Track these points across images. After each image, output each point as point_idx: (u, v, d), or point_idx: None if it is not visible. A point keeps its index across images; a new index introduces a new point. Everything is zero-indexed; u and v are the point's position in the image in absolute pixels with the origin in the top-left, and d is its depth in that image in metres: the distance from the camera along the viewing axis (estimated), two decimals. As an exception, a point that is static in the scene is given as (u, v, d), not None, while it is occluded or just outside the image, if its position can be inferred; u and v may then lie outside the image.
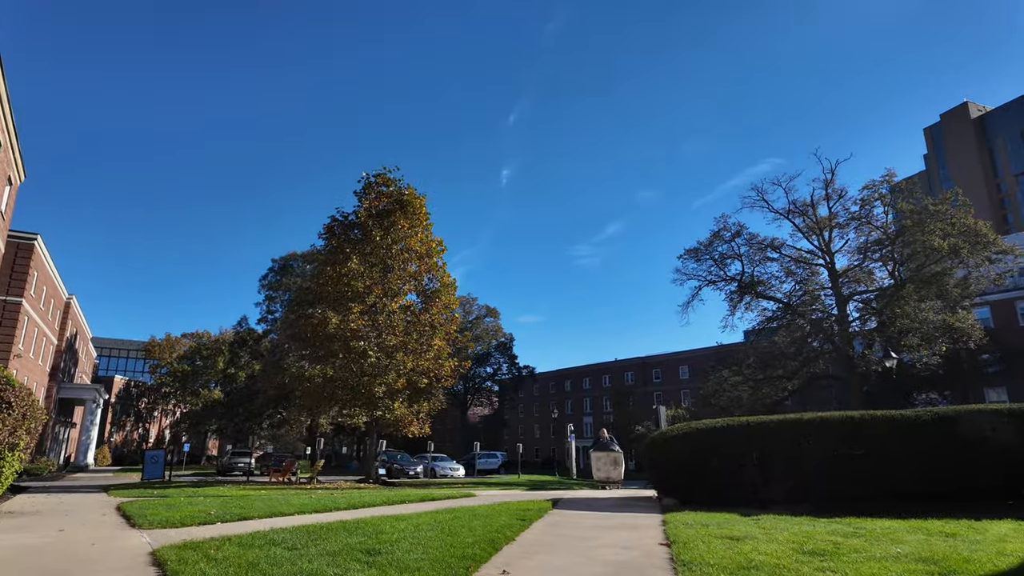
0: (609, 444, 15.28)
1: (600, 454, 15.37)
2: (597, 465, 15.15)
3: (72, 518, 10.61)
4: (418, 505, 11.45)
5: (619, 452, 15.06)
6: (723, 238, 33.53)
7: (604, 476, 14.91)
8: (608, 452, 15.22)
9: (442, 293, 25.44)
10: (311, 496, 13.80)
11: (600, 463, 15.06)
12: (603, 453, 15.31)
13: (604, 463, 14.92)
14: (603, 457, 15.22)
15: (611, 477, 14.91)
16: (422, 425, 24.16)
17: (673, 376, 65.61)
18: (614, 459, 15.10)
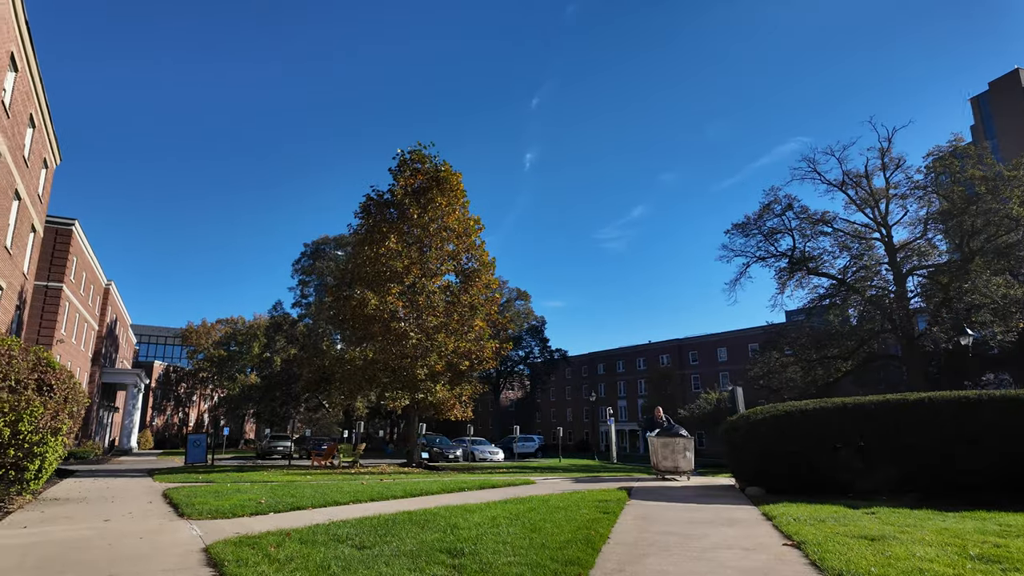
0: (675, 429, 13.19)
1: (666, 440, 13.04)
2: (663, 453, 12.90)
3: (118, 506, 10.09)
4: (480, 494, 10.63)
5: (688, 438, 13.03)
6: (773, 212, 31.86)
7: (671, 466, 12.80)
8: (675, 438, 12.89)
9: (481, 272, 24.56)
10: (362, 482, 13.13)
11: (666, 451, 12.89)
12: (669, 439, 13.00)
13: (671, 451, 12.84)
14: (670, 444, 12.96)
15: (680, 467, 12.81)
16: (464, 409, 23.46)
17: (711, 358, 64.00)
18: (683, 446, 12.91)
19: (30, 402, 10.07)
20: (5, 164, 16.99)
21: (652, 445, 13.52)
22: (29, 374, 10.57)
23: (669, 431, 13.26)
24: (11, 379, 10.23)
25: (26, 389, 10.35)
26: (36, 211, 21.87)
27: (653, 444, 13.44)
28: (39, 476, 10.48)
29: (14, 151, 17.72)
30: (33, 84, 18.83)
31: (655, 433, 13.47)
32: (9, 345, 10.73)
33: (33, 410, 10.01)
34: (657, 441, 13.28)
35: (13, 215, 18.94)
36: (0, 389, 10.04)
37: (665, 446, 12.96)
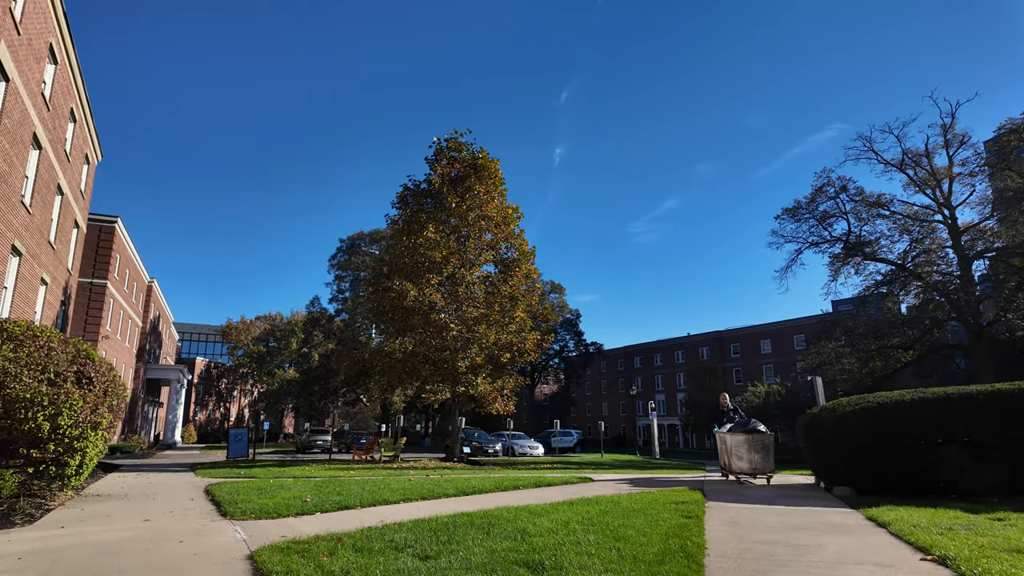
0: (751, 423, 10.93)
1: (741, 437, 10.68)
2: (737, 452, 10.71)
3: (159, 503, 9.66)
4: (537, 493, 9.86)
5: (768, 433, 10.67)
6: (826, 194, 30.17)
7: (747, 467, 10.59)
8: (753, 435, 10.59)
9: (521, 262, 23.74)
10: (408, 479, 12.50)
11: (741, 450, 10.62)
12: (745, 436, 10.63)
13: (748, 450, 10.53)
14: (746, 442, 10.60)
15: (759, 468, 10.53)
16: (506, 403, 22.74)
17: (753, 350, 61.96)
18: (762, 444, 10.56)
19: (69, 395, 9.69)
20: (47, 158, 16.92)
21: (723, 443, 11.48)
22: (68, 366, 10.22)
23: (744, 426, 11.06)
24: (50, 371, 9.87)
25: (65, 382, 9.98)
26: (79, 207, 21.96)
27: (724, 441, 11.37)
28: (80, 472, 10.12)
29: (55, 145, 17.66)
30: (73, 77, 18.76)
31: (726, 429, 11.47)
32: (48, 336, 10.40)
33: (72, 403, 9.64)
34: (729, 438, 11.10)
35: (56, 210, 18.95)
36: (39, 382, 9.70)
37: (740, 444, 10.80)
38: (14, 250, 14.88)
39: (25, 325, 10.29)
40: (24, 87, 13.98)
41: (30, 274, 16.40)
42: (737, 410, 12.47)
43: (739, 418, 11.88)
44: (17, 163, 14.24)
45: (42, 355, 9.88)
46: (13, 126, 13.61)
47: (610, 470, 18.19)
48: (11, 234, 14.34)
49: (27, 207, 15.48)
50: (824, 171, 30.47)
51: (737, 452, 10.85)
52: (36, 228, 16.60)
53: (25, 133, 14.64)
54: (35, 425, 9.37)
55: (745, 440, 10.70)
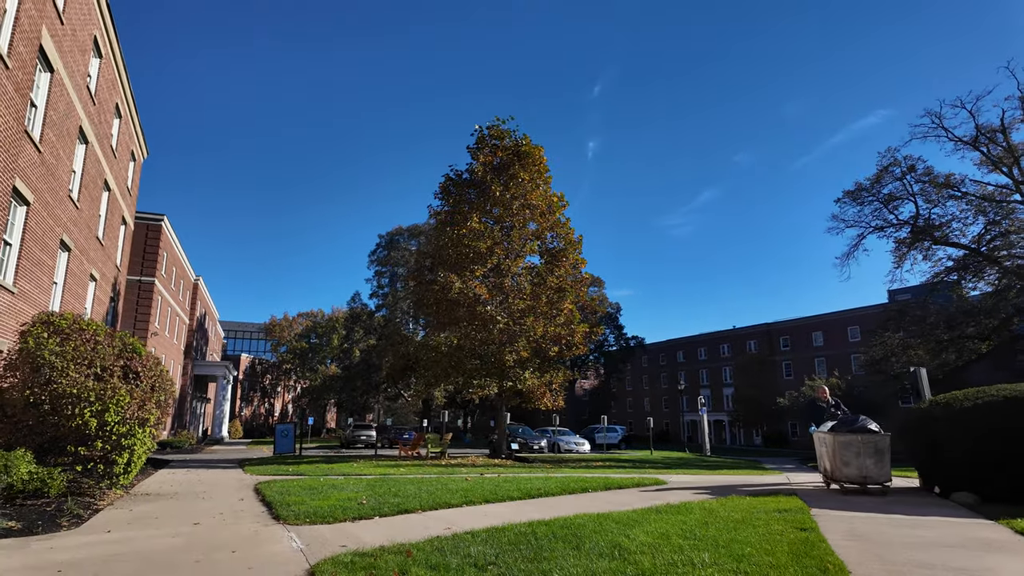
0: (860, 421, 8.97)
1: (849, 438, 8.77)
2: (843, 456, 8.80)
3: (209, 503, 9.20)
4: (609, 496, 9.02)
5: (883, 435, 8.69)
6: (892, 175, 28.24)
7: (859, 474, 8.68)
8: (864, 435, 8.67)
9: (568, 252, 22.84)
10: (465, 478, 11.81)
11: (848, 453, 8.73)
12: (854, 437, 8.74)
13: (857, 454, 8.62)
14: (856, 444, 8.69)
15: (872, 476, 8.60)
16: (555, 398, 21.91)
17: (805, 343, 59.45)
18: (876, 447, 8.59)
19: (116, 391, 9.30)
20: (93, 153, 16.85)
21: (824, 444, 9.70)
22: (115, 361, 9.84)
23: (851, 424, 9.09)
24: (96, 366, 9.50)
25: (112, 377, 9.60)
26: (126, 203, 22.06)
27: (826, 443, 9.55)
28: (128, 470, 9.75)
29: (101, 140, 17.62)
30: (118, 72, 18.71)
31: (828, 428, 9.55)
32: (94, 330, 10.05)
33: (119, 399, 9.25)
34: (833, 439, 9.12)
35: (104, 206, 18.98)
36: (86, 377, 9.33)
37: (847, 446, 8.82)
38: (63, 245, 14.79)
39: (71, 318, 9.97)
40: (69, 79, 13.81)
41: (79, 270, 16.36)
42: (840, 405, 10.48)
43: (843, 414, 10.08)
44: (64, 156, 14.10)
45: (88, 349, 9.52)
46: (59, 118, 13.44)
47: (673, 470, 17.19)
48: (59, 229, 14.22)
49: (75, 202, 15.39)
50: (889, 151, 28.61)
51: (843, 456, 8.90)
52: (84, 223, 16.55)
53: (71, 126, 14.50)
54: (82, 422, 9.01)
55: (854, 442, 8.78)
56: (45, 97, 12.58)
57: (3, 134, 9.90)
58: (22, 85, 10.51)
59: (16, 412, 8.95)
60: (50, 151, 13.06)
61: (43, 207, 12.87)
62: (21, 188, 11.38)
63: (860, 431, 8.64)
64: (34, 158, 12.06)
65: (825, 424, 9.67)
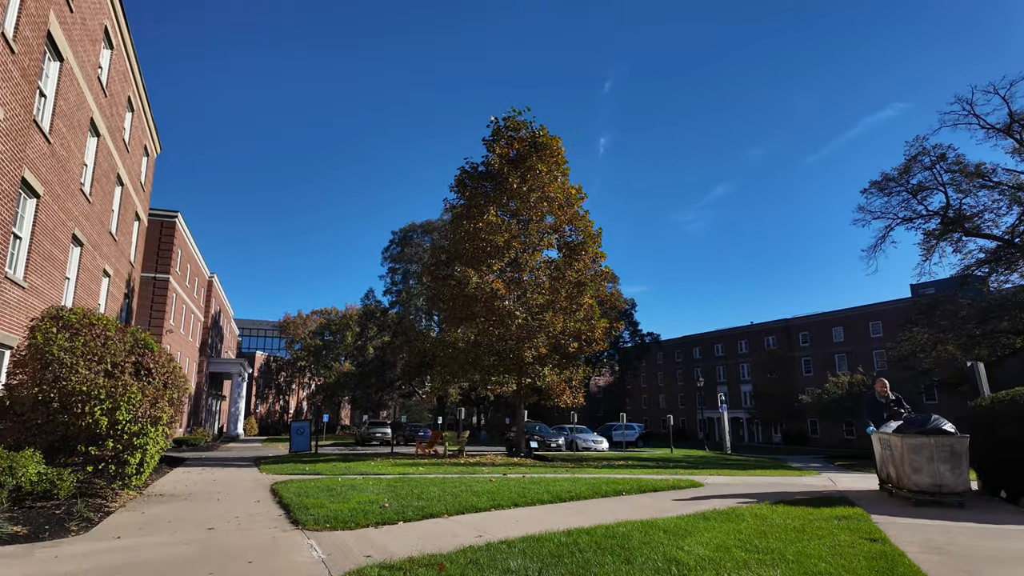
0: (933, 421, 7.72)
1: (919, 441, 7.53)
2: (913, 461, 7.54)
3: (224, 506, 8.80)
4: (646, 500, 8.48)
5: (960, 437, 7.44)
6: (921, 164, 27.30)
7: (931, 482, 7.40)
8: (936, 437, 7.44)
9: (587, 245, 22.26)
10: (489, 479, 11.33)
11: (919, 458, 7.49)
12: (927, 439, 7.48)
13: (931, 457, 7.40)
14: (929, 447, 7.44)
15: (947, 485, 7.32)
16: (575, 395, 21.37)
17: (825, 339, 58.31)
18: (951, 450, 7.35)
19: (127, 388, 8.92)
20: (106, 146, 16.57)
21: (887, 448, 8.44)
22: (126, 357, 9.47)
23: (921, 425, 7.82)
24: (107, 362, 9.12)
25: (123, 373, 9.23)
26: (139, 199, 21.83)
27: (892, 446, 8.20)
28: (141, 470, 9.37)
29: (113, 133, 17.34)
30: (129, 64, 18.43)
31: (892, 428, 8.31)
32: (104, 325, 9.67)
33: (131, 397, 8.86)
34: (901, 442, 7.77)
35: (117, 200, 18.73)
36: (96, 373, 8.96)
37: (918, 450, 7.52)
38: (75, 239, 14.50)
39: (81, 313, 9.61)
40: (80, 69, 13.49)
41: (92, 265, 16.10)
42: (901, 401, 9.18)
43: (907, 413, 8.86)
44: (75, 149, 13.80)
45: (99, 344, 9.14)
46: (69, 109, 13.13)
47: (701, 470, 16.60)
48: (71, 223, 13.93)
49: (87, 196, 15.11)
50: (917, 139, 27.61)
51: (913, 462, 7.59)
52: (97, 218, 16.27)
53: (82, 118, 14.20)
54: (92, 420, 8.64)
55: (926, 445, 7.49)
56: (55, 87, 12.26)
57: (9, 122, 9.55)
58: (29, 72, 10.15)
59: (25, 410, 8.60)
60: (60, 143, 12.74)
61: (54, 200, 12.56)
62: (30, 179, 11.06)
63: (933, 432, 7.51)
64: (43, 149, 11.73)
65: (888, 424, 8.60)
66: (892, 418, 8.67)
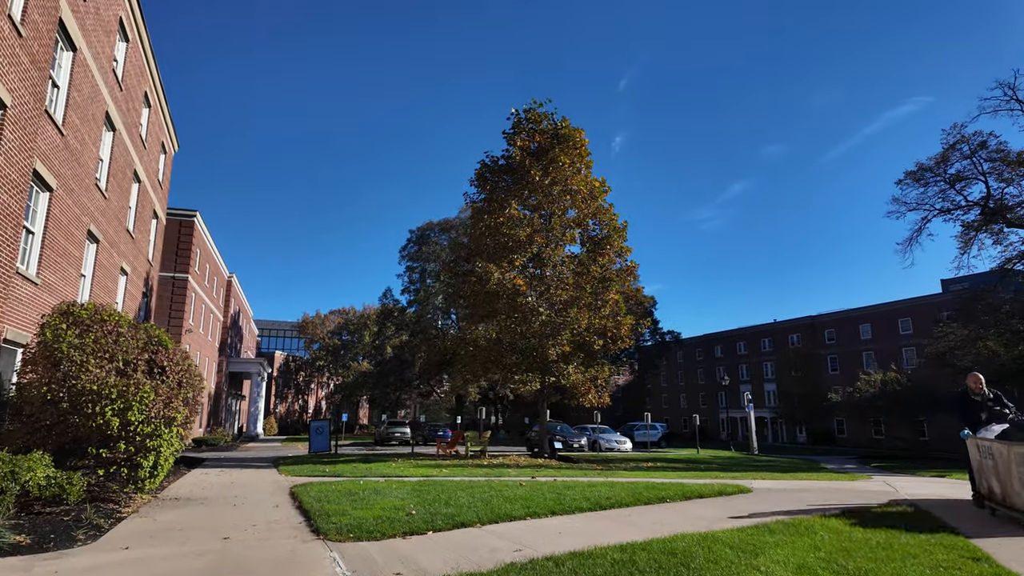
0: None
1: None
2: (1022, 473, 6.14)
3: (241, 511, 8.32)
4: (694, 509, 7.82)
5: None
6: (960, 153, 26.15)
7: None
8: None
9: (612, 239, 21.55)
10: (520, 483, 10.73)
11: None
12: None
13: None
14: None
15: None
16: (600, 394, 20.68)
17: (851, 336, 56.77)
18: None
19: (140, 387, 8.47)
20: (122, 141, 16.28)
21: (991, 456, 6.93)
22: (139, 354, 9.02)
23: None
24: (119, 359, 8.68)
25: (135, 371, 8.78)
26: (157, 197, 21.60)
27: (995, 454, 6.81)
28: (155, 474, 8.92)
29: (130, 129, 17.06)
30: (146, 59, 18.15)
31: (995, 432, 7.10)
32: (117, 321, 9.24)
33: (143, 396, 8.41)
34: (1009, 451, 6.43)
35: (134, 197, 18.47)
36: (107, 372, 8.53)
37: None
38: (90, 236, 14.19)
39: (92, 308, 9.20)
40: (94, 61, 13.16)
41: (109, 263, 15.81)
42: (1002, 399, 7.74)
43: (1012, 414, 7.48)
44: (89, 142, 13.47)
45: (110, 341, 8.71)
46: (84, 101, 12.79)
47: (741, 473, 15.87)
48: (86, 218, 13.61)
49: (103, 191, 14.80)
50: (955, 127, 26.44)
51: (1020, 475, 6.18)
52: (113, 215, 15.98)
53: (97, 112, 13.88)
54: (103, 421, 8.20)
55: None
56: (68, 77, 11.91)
57: (18, 109, 9.16)
58: (39, 58, 9.77)
59: (33, 411, 8.19)
60: (74, 135, 12.40)
61: (67, 194, 12.21)
62: (42, 172, 10.69)
63: None
64: (56, 141, 11.38)
65: (990, 428, 7.27)
66: (993, 420, 7.40)
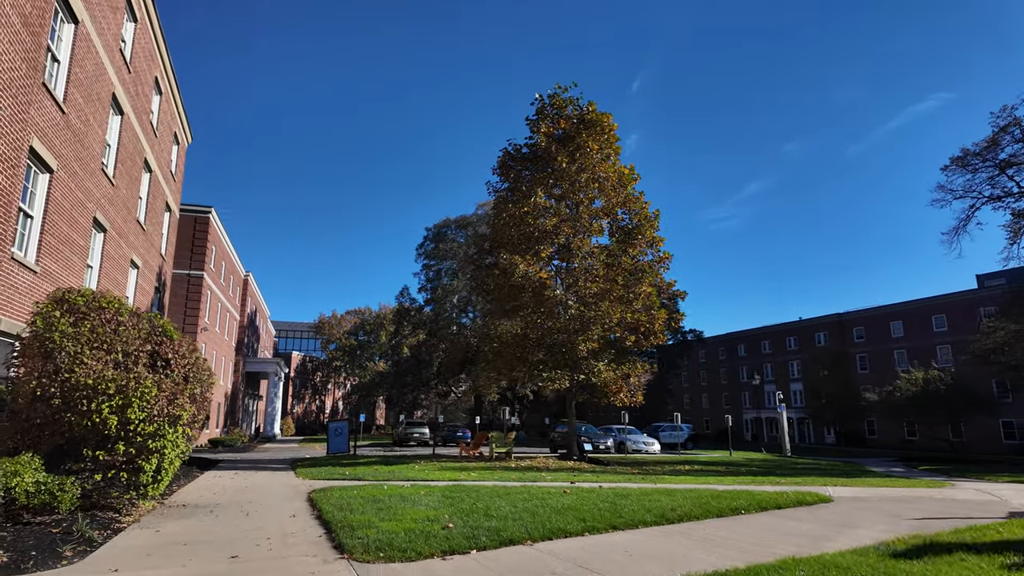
0: None
1: None
2: None
3: (254, 521, 7.37)
4: (778, 522, 6.72)
5: None
6: (1012, 136, 24.59)
7: None
8: None
9: (644, 228, 20.40)
10: (564, 490, 9.66)
11: None
12: None
13: None
14: None
15: None
16: (633, 393, 19.54)
17: (882, 334, 54.83)
18: None
19: (140, 381, 7.55)
20: (131, 127, 15.50)
21: None
22: (140, 345, 8.10)
23: None
24: (117, 351, 7.76)
25: (136, 364, 7.86)
26: (170, 189, 20.87)
27: None
28: (158, 479, 7.99)
29: (140, 115, 16.30)
30: (156, 43, 17.40)
31: None
32: (117, 309, 8.34)
33: (144, 392, 7.49)
34: None
35: (144, 188, 17.72)
36: (104, 364, 7.62)
37: None
38: (97, 224, 13.40)
39: (90, 295, 8.30)
40: (98, 37, 12.36)
41: (117, 253, 15.03)
42: None
43: None
44: (95, 124, 12.67)
45: (108, 331, 7.80)
46: (87, 79, 11.99)
47: (794, 477, 14.69)
48: (92, 205, 12.81)
49: (110, 178, 14.01)
50: (1005, 109, 24.88)
51: None
52: (122, 203, 15.20)
53: (102, 92, 13.08)
54: (100, 419, 7.29)
55: None
56: (69, 51, 11.08)
57: (9, 75, 8.31)
58: (32, 21, 8.92)
59: (23, 407, 7.31)
60: (77, 115, 11.58)
61: (70, 177, 11.39)
62: (40, 150, 9.86)
63: None
64: (56, 118, 10.54)
65: None
66: None
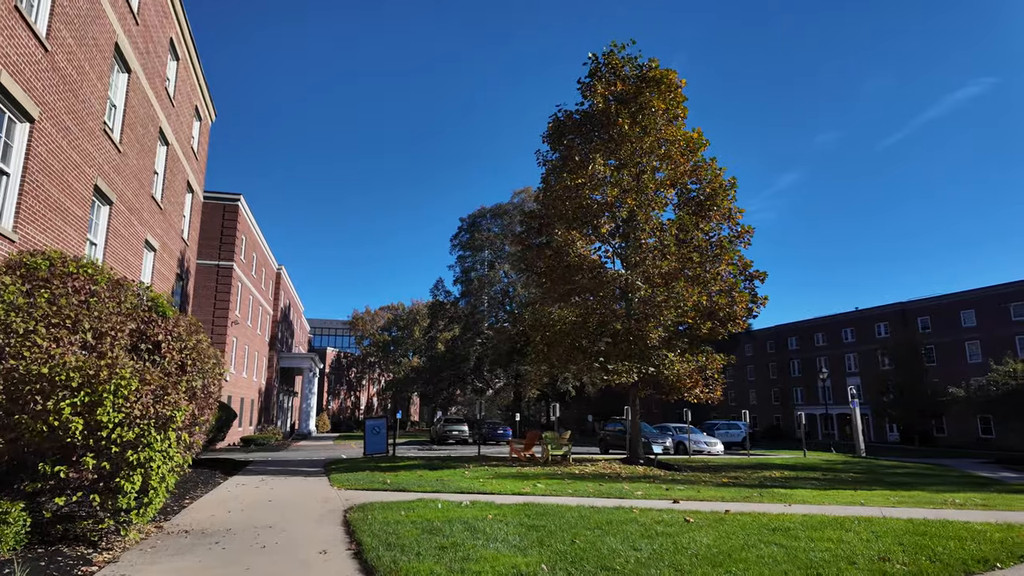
0: None
1: None
2: None
3: (270, 558, 5.29)
4: None
5: None
6: None
7: None
8: None
9: (719, 199, 17.83)
10: (685, 519, 7.31)
11: None
12: None
13: None
14: None
15: None
16: (712, 388, 17.04)
17: (951, 324, 50.65)
18: None
19: (115, 370, 5.51)
20: (140, 88, 13.73)
21: None
22: (120, 322, 6.05)
23: None
24: (85, 329, 5.74)
25: (112, 347, 5.83)
26: (191, 167, 19.21)
27: None
28: (144, 501, 5.94)
29: (152, 77, 14.54)
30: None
31: None
32: (91, 275, 6.33)
33: (118, 385, 5.45)
34: None
35: (161, 161, 16.01)
36: (65, 346, 5.61)
37: None
38: (99, 194, 11.62)
39: (57, 257, 6.31)
40: (94, -29, 10.52)
41: (128, 231, 13.28)
42: None
43: None
44: (92, 75, 10.87)
45: (73, 302, 5.77)
46: (79, 18, 10.17)
47: (920, 491, 12.08)
48: (92, 170, 11.01)
49: (115, 143, 12.24)
50: None
51: None
52: (132, 174, 13.44)
53: (101, 39, 11.27)
54: (59, 422, 5.29)
55: None
56: (53, -22, 9.21)
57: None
58: (-14, -89, 7.00)
59: (-44, 407, 5.34)
60: (67, 58, 9.72)
61: (59, 132, 9.54)
62: (11, 87, 7.99)
63: None
64: (35, 54, 8.68)
65: None
66: None
